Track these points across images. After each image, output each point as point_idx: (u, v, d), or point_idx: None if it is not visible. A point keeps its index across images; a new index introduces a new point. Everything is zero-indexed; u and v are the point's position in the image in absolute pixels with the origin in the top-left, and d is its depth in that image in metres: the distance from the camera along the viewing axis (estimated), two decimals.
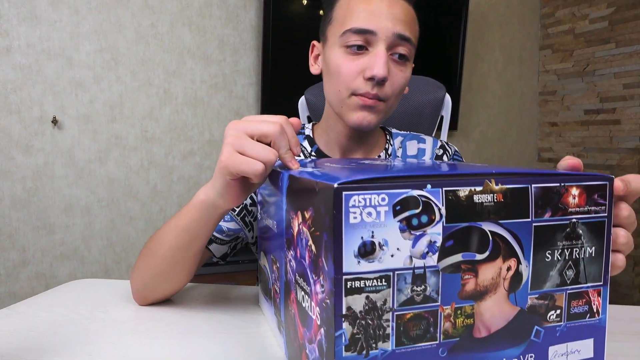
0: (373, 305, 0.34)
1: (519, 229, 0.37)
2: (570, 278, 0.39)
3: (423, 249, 0.35)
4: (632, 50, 2.60)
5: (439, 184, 0.35)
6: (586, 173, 0.39)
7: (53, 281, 1.61)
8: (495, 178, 0.36)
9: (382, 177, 0.34)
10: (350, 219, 0.33)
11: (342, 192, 0.33)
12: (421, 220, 0.35)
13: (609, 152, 2.74)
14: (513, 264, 0.37)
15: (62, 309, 0.66)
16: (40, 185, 1.57)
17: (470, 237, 0.36)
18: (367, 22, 0.67)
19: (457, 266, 0.36)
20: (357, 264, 0.34)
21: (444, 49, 2.44)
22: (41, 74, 1.55)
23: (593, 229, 0.39)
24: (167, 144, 1.80)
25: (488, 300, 0.37)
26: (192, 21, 1.82)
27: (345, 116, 0.71)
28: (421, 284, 0.35)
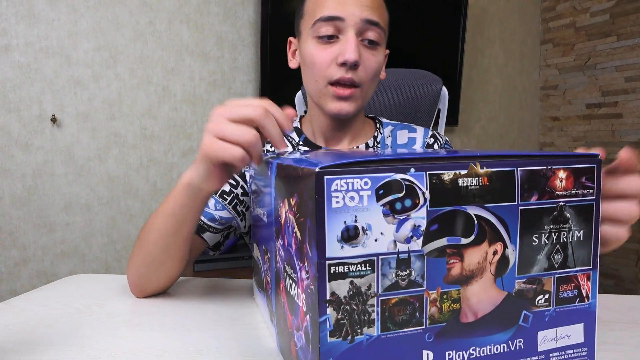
0: (357, 290, 0.34)
1: (505, 212, 0.37)
2: (559, 262, 0.39)
3: (407, 233, 0.35)
4: (634, 43, 2.58)
5: (423, 168, 0.35)
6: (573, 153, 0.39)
7: (54, 278, 1.62)
8: (480, 161, 0.36)
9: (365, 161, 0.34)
10: (333, 204, 0.33)
11: (324, 177, 0.32)
12: (405, 205, 0.34)
13: (611, 146, 2.73)
14: (499, 247, 0.37)
15: (58, 303, 0.66)
16: (40, 184, 1.57)
17: (455, 221, 0.36)
18: (335, 9, 0.69)
19: (442, 250, 0.36)
20: (341, 248, 0.33)
21: (444, 44, 2.43)
22: (40, 73, 1.55)
23: (581, 212, 0.39)
24: (166, 141, 1.80)
25: (474, 285, 0.37)
26: (190, 18, 1.82)
27: (324, 106, 0.74)
28: (406, 268, 0.35)
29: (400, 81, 1.18)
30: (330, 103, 0.72)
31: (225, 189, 0.76)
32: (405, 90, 1.18)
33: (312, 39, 0.72)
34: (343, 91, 0.70)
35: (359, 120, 0.82)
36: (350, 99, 0.72)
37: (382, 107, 1.17)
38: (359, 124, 0.82)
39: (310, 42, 0.73)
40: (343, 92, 0.70)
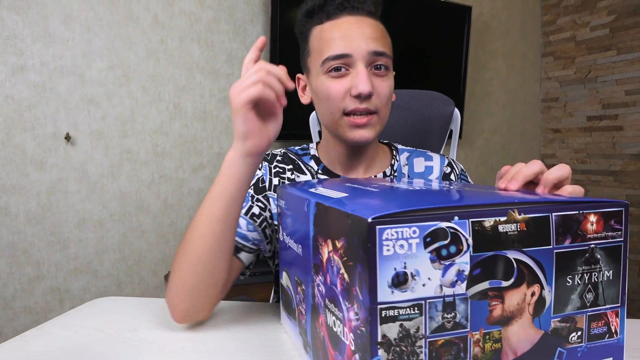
0: (406, 332, 0.36)
1: (542, 255, 0.39)
2: (590, 301, 0.41)
3: (452, 277, 0.37)
4: (634, 57, 2.63)
5: (466, 215, 0.37)
6: (603, 200, 0.41)
7: (67, 295, 1.63)
8: (518, 208, 0.38)
9: (413, 210, 0.36)
10: (384, 252, 0.35)
11: (376, 226, 0.35)
12: (450, 251, 0.37)
13: (612, 158, 2.76)
14: (537, 289, 0.39)
15: (88, 329, 0.68)
16: (54, 201, 1.59)
17: (496, 265, 0.38)
18: (342, 47, 0.71)
19: (485, 293, 0.38)
20: (391, 293, 0.36)
21: (448, 58, 2.47)
22: (54, 92, 1.58)
23: (610, 253, 0.41)
24: (177, 157, 1.83)
25: (514, 325, 0.39)
26: (201, 36, 1.85)
27: (343, 135, 0.76)
28: (451, 311, 0.37)
29: (413, 102, 1.21)
30: (348, 132, 0.74)
31: (255, 211, 0.78)
32: (418, 111, 1.20)
33: (323, 75, 0.74)
34: (360, 120, 0.73)
35: (374, 147, 0.83)
36: (368, 126, 0.74)
37: (394, 128, 1.20)
38: (374, 151, 0.84)
39: (322, 77, 0.74)
40: (360, 120, 0.73)
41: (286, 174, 0.84)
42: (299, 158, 0.87)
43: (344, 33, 0.72)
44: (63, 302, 1.63)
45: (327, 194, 0.49)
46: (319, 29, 0.75)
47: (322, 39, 0.74)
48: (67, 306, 1.64)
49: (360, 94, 0.70)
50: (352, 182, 0.61)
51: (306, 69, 0.80)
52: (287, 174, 0.84)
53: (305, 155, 0.87)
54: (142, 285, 1.78)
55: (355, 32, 0.72)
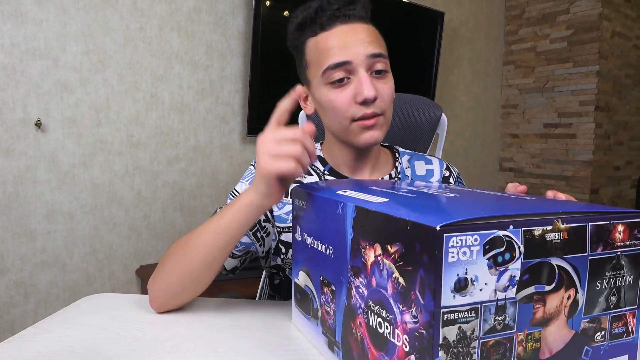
0: (464, 334, 0.39)
1: (578, 262, 0.43)
2: (613, 303, 0.45)
3: (505, 283, 0.40)
4: (588, 70, 2.81)
5: (519, 224, 0.40)
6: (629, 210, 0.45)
7: (32, 290, 1.55)
8: (561, 218, 0.42)
9: (474, 219, 0.39)
10: (449, 258, 0.37)
11: (444, 234, 0.37)
12: (505, 258, 0.40)
13: (565, 164, 2.95)
14: (572, 293, 0.43)
15: (90, 327, 0.66)
16: (21, 190, 1.51)
17: (542, 270, 0.41)
18: (341, 55, 0.72)
19: (530, 297, 0.41)
20: (453, 298, 0.38)
21: (419, 61, 2.54)
22: (25, 75, 1.49)
23: (633, 259, 0.46)
24: (152, 149, 1.78)
25: (552, 326, 0.43)
26: (181, 26, 1.80)
27: (354, 141, 0.77)
28: (502, 314, 0.40)
29: (403, 106, 1.24)
30: (359, 137, 0.76)
31: None
32: (408, 114, 1.24)
33: (325, 85, 0.75)
34: (369, 121, 0.74)
35: (377, 149, 0.85)
36: (376, 126, 0.75)
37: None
38: (377, 153, 0.86)
39: (324, 88, 0.75)
40: (369, 122, 0.74)
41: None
42: None
43: (340, 41, 0.73)
44: (28, 297, 1.55)
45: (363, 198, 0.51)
46: (313, 41, 0.76)
47: (319, 50, 0.75)
48: (33, 301, 1.56)
49: (366, 99, 0.72)
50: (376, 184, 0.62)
51: (306, 81, 0.80)
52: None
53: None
54: (113, 280, 1.72)
55: (351, 38, 0.73)
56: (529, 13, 3.08)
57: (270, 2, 1.90)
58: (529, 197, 0.52)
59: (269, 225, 0.81)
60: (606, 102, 2.85)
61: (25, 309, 1.54)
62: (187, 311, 0.72)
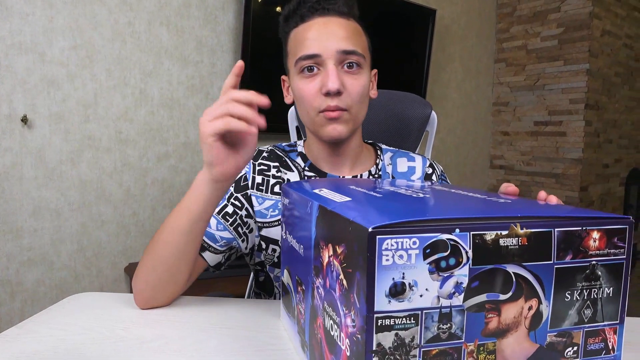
0: (401, 341, 0.36)
1: (542, 270, 0.39)
2: (588, 317, 0.41)
3: (450, 289, 0.37)
4: (578, 69, 2.82)
5: (467, 228, 0.37)
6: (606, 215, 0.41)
7: (19, 288, 1.53)
8: (520, 222, 0.38)
9: (414, 221, 0.36)
10: (383, 261, 0.35)
11: (376, 236, 0.34)
12: (449, 263, 0.36)
13: (555, 162, 2.97)
14: (534, 303, 0.39)
15: (76, 327, 0.64)
16: (7, 187, 1.48)
17: (495, 278, 0.38)
18: (312, 47, 0.74)
19: (482, 306, 0.38)
20: (388, 303, 0.35)
21: (411, 59, 2.54)
22: (11, 70, 1.46)
23: (612, 270, 0.41)
24: (141, 145, 1.76)
25: (509, 338, 0.39)
26: (170, 21, 1.78)
27: (319, 133, 0.78)
28: (447, 322, 0.37)
29: (392, 103, 1.24)
30: (324, 128, 0.77)
31: (228, 210, 0.80)
32: (397, 112, 1.24)
33: (297, 75, 0.77)
34: (332, 113, 0.75)
35: (357, 145, 0.85)
36: (340, 119, 0.76)
37: (373, 127, 1.23)
38: (358, 149, 0.86)
39: (296, 77, 0.78)
40: (332, 114, 0.75)
41: (271, 171, 0.85)
42: (286, 155, 0.88)
43: (315, 34, 0.75)
44: (14, 295, 1.53)
45: (330, 197, 0.49)
46: (294, 32, 0.78)
47: (297, 40, 0.77)
48: (19, 299, 1.54)
49: (329, 91, 0.73)
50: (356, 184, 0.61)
51: (287, 70, 0.83)
52: (272, 171, 0.85)
53: (293, 152, 0.89)
54: (101, 277, 1.70)
55: (324, 32, 0.75)
56: (520, 11, 3.09)
57: None
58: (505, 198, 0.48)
59: (251, 222, 0.81)
60: (596, 100, 2.87)
61: (11, 307, 1.52)
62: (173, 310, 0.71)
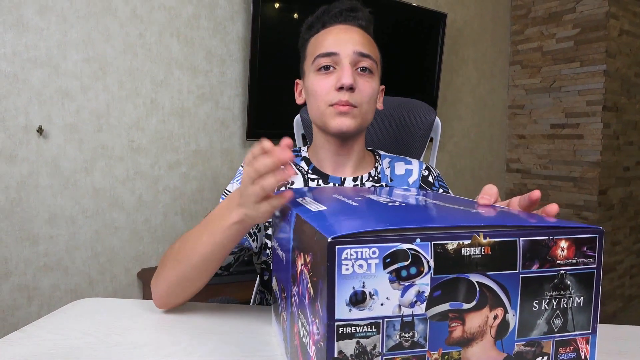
0: (363, 349, 0.37)
1: (506, 280, 0.39)
2: (558, 326, 0.40)
3: (411, 298, 0.37)
4: (595, 70, 2.77)
5: (428, 238, 0.37)
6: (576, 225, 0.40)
7: (35, 293, 1.59)
8: (483, 231, 0.38)
9: (374, 231, 0.36)
10: (343, 270, 0.36)
11: (336, 246, 0.35)
12: (410, 272, 0.37)
13: (572, 165, 2.91)
14: (500, 312, 0.39)
15: (75, 331, 0.67)
16: (24, 196, 1.54)
17: (458, 287, 0.38)
18: (331, 47, 0.81)
19: (445, 315, 0.38)
20: (349, 311, 0.36)
21: (422, 63, 2.53)
22: (27, 83, 1.52)
23: (582, 279, 0.40)
24: (153, 154, 1.80)
25: (475, 347, 0.39)
26: (180, 32, 1.83)
27: (327, 125, 0.82)
28: (409, 330, 0.37)
29: (396, 110, 1.24)
30: (332, 121, 0.81)
31: None
32: (401, 118, 1.24)
33: (313, 72, 0.83)
34: (342, 107, 0.80)
35: (361, 149, 0.90)
36: (349, 114, 0.80)
37: (378, 134, 1.23)
38: (361, 153, 0.90)
39: (312, 75, 0.83)
40: (342, 108, 0.80)
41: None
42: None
43: (334, 36, 0.82)
44: (31, 299, 1.58)
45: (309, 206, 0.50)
46: (314, 37, 0.85)
47: (316, 42, 0.84)
48: (36, 304, 1.59)
49: (343, 85, 0.78)
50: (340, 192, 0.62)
51: (302, 72, 0.88)
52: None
53: (297, 157, 0.93)
54: (115, 283, 1.75)
55: (344, 36, 0.82)
56: (535, 12, 3.05)
57: (269, 7, 1.91)
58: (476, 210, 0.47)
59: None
60: (614, 101, 2.80)
61: (28, 311, 1.58)
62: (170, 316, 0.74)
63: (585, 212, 2.84)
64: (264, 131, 1.97)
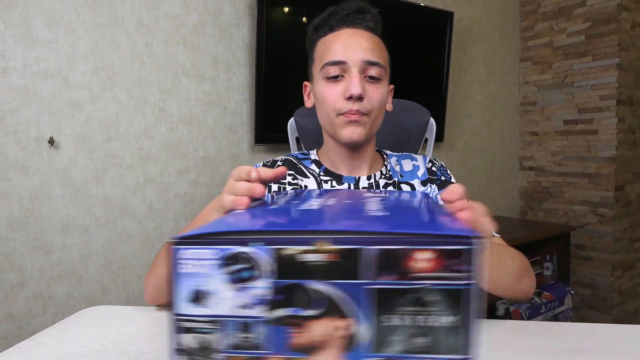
0: (204, 345, 0.38)
1: (355, 290, 0.36)
2: (423, 346, 0.37)
3: (250, 300, 0.37)
4: (607, 64, 2.72)
5: (269, 242, 0.36)
6: (447, 233, 0.35)
7: (51, 301, 1.61)
8: (329, 237, 0.36)
9: (214, 233, 0.37)
10: (182, 269, 0.37)
11: (176, 247, 0.37)
12: (248, 275, 0.37)
13: (587, 161, 2.86)
14: (345, 324, 0.37)
15: (82, 339, 0.68)
16: (37, 206, 1.57)
17: (299, 293, 0.37)
18: (340, 55, 0.81)
19: (286, 320, 0.37)
20: (190, 308, 0.38)
21: (430, 62, 2.51)
22: (37, 95, 1.55)
23: (450, 297, 0.36)
24: (162, 161, 1.82)
25: (319, 356, 0.37)
26: (186, 39, 1.84)
27: (338, 135, 0.83)
28: (250, 332, 0.38)
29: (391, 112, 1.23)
30: (342, 130, 0.82)
31: None
32: (398, 120, 1.24)
33: (322, 80, 0.83)
34: (352, 116, 0.80)
35: (373, 150, 0.92)
36: (359, 123, 0.81)
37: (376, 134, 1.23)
38: (373, 154, 0.92)
39: (321, 82, 0.83)
40: (352, 117, 0.80)
41: (286, 178, 0.90)
42: (300, 162, 0.94)
43: (343, 43, 0.81)
44: (47, 308, 1.61)
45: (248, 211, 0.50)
46: (322, 40, 0.85)
47: (324, 46, 0.84)
48: (51, 312, 1.62)
49: (352, 95, 0.79)
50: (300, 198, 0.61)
51: (311, 76, 0.89)
52: (288, 179, 0.90)
53: (306, 160, 0.95)
54: (127, 290, 1.77)
55: (352, 42, 0.81)
56: (545, 7, 3.00)
57: (273, 12, 1.92)
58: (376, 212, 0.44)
59: None
60: (629, 95, 2.75)
61: (44, 319, 1.60)
62: None
63: (602, 208, 2.78)
64: (272, 135, 1.98)
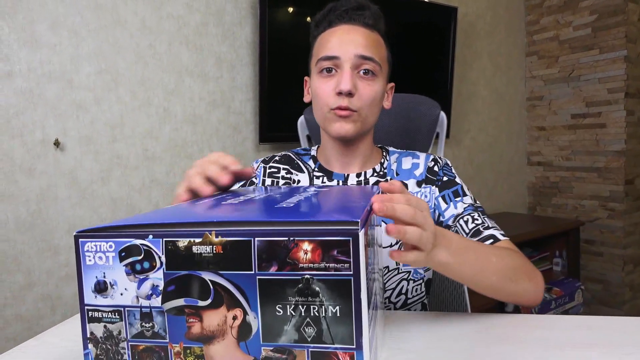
0: (110, 333, 0.41)
1: (242, 280, 0.38)
2: (311, 336, 0.37)
3: (147, 291, 0.40)
4: (615, 56, 2.69)
5: (160, 235, 0.39)
6: (327, 227, 0.36)
7: (59, 302, 1.62)
8: (216, 230, 0.38)
9: (113, 227, 0.40)
10: (87, 261, 0.40)
11: (79, 239, 0.40)
12: (143, 266, 0.40)
13: (596, 155, 2.82)
14: (239, 313, 0.38)
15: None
16: (44, 208, 1.58)
17: (191, 284, 0.39)
18: (333, 50, 0.81)
19: (181, 310, 0.39)
20: (95, 298, 0.41)
21: (435, 58, 2.50)
22: (42, 97, 1.56)
23: (334, 287, 0.36)
24: (167, 162, 1.82)
25: (217, 345, 0.39)
26: (189, 40, 1.85)
27: (328, 129, 0.84)
28: (149, 321, 0.40)
29: (401, 106, 1.23)
30: (332, 125, 0.83)
31: None
32: (406, 115, 1.23)
33: (317, 74, 0.84)
34: (342, 112, 0.81)
35: (368, 147, 0.92)
36: (349, 118, 0.82)
37: (384, 131, 1.22)
38: (368, 151, 0.92)
39: (316, 77, 0.85)
40: (342, 112, 0.81)
41: (280, 173, 0.93)
42: (299, 158, 0.96)
43: (337, 38, 0.82)
44: (55, 309, 1.62)
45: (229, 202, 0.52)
46: (321, 36, 0.86)
47: (320, 42, 0.85)
48: (59, 313, 1.63)
49: (342, 90, 0.79)
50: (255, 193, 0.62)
51: (309, 70, 0.90)
52: (282, 173, 0.93)
53: (306, 156, 0.97)
54: None
55: (346, 38, 0.81)
56: (550, 1, 2.97)
57: (276, 11, 1.92)
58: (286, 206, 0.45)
59: None
60: (637, 87, 2.71)
61: (52, 320, 1.61)
62: None
63: (612, 203, 2.75)
64: (276, 134, 1.98)
